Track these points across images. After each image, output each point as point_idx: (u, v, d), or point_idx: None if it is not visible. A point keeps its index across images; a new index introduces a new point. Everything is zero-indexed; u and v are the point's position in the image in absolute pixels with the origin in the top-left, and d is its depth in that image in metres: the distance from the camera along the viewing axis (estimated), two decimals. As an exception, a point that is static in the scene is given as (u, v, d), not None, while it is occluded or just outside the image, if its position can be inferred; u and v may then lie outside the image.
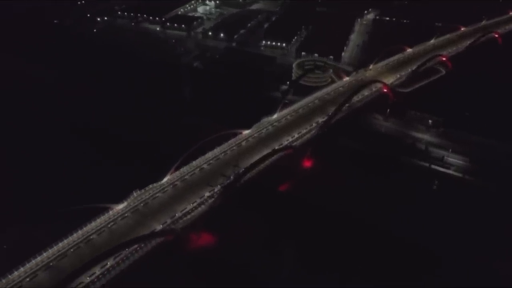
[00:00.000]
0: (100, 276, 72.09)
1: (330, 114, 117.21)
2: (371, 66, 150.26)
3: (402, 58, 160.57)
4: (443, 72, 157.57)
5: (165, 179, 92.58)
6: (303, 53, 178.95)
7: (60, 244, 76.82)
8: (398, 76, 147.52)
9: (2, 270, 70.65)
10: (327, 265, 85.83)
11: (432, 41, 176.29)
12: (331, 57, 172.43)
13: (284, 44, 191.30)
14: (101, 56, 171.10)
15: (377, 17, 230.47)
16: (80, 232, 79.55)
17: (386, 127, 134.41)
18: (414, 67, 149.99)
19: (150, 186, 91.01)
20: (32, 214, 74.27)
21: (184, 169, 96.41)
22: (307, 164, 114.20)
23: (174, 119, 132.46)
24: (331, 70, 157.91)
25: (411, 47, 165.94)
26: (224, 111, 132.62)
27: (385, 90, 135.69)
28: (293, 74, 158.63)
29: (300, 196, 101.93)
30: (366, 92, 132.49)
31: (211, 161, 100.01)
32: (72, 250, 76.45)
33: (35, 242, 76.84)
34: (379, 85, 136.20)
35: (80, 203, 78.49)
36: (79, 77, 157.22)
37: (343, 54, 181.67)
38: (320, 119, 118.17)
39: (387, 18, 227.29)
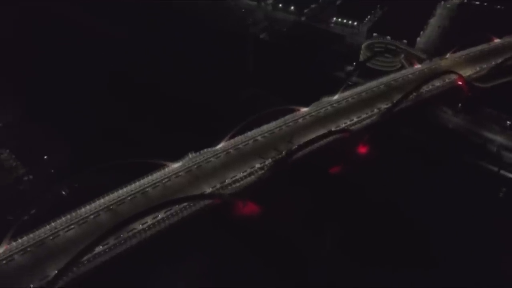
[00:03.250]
0: (151, 226, 77.72)
1: (395, 101, 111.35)
2: (448, 55, 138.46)
3: (487, 49, 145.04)
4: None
5: (219, 145, 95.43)
6: (374, 34, 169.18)
7: (120, 192, 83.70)
8: (478, 69, 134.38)
9: (73, 206, 79.27)
10: (365, 253, 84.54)
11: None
12: (405, 41, 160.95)
13: (355, 23, 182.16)
14: (169, 22, 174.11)
15: (465, 0, 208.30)
16: (138, 183, 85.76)
17: (455, 123, 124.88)
18: (499, 61, 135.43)
19: (205, 150, 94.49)
20: (101, 163, 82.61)
21: (239, 138, 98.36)
22: (362, 150, 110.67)
23: (235, 88, 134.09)
24: (402, 55, 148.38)
25: (500, 37, 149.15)
26: (285, 86, 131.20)
27: (459, 83, 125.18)
28: (360, 55, 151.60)
29: (349, 181, 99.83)
30: (437, 83, 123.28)
31: (265, 134, 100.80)
32: (129, 198, 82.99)
33: (100, 186, 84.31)
34: (453, 76, 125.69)
35: (141, 157, 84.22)
36: (145, 38, 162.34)
37: (418, 39, 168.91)
38: (383, 106, 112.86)
39: (477, 2, 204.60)
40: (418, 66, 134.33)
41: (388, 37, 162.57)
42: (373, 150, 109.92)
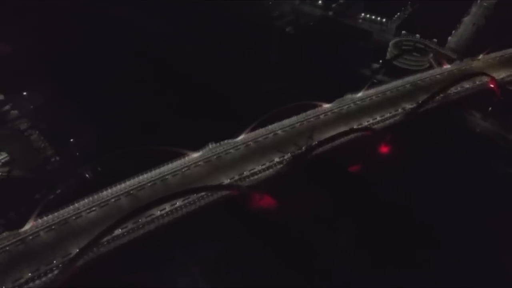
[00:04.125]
0: (169, 212, 79.47)
1: (420, 102, 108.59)
2: (480, 56, 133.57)
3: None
4: None
5: (239, 138, 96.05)
6: (403, 31, 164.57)
7: (141, 177, 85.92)
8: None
9: (95, 188, 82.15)
10: (378, 253, 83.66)
11: None
12: (435, 40, 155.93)
13: (384, 19, 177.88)
14: (197, 13, 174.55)
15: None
16: (158, 170, 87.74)
17: (483, 127, 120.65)
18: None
19: (225, 141, 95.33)
20: (124, 149, 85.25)
21: (259, 131, 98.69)
22: (384, 150, 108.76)
23: (258, 81, 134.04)
24: (431, 54, 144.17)
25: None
26: (308, 81, 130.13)
27: (491, 86, 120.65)
28: (388, 53, 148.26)
29: (368, 180, 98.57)
30: (467, 85, 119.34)
31: (286, 128, 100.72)
32: (149, 184, 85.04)
33: (122, 171, 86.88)
34: (485, 79, 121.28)
35: (163, 144, 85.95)
36: (173, 30, 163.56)
37: (449, 38, 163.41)
38: (408, 106, 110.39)
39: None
40: (447, 67, 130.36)
41: (418, 35, 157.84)
42: (395, 151, 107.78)
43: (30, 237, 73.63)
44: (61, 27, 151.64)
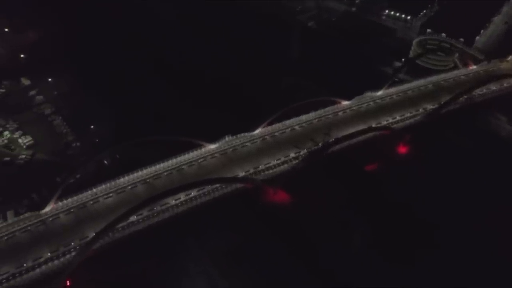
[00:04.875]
0: (183, 202, 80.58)
1: (442, 102, 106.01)
2: (509, 58, 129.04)
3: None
4: None
5: (256, 131, 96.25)
6: (428, 30, 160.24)
7: (157, 166, 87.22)
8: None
9: (113, 175, 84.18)
10: (391, 253, 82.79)
11: None
12: (461, 39, 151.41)
13: (409, 17, 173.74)
14: (218, 5, 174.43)
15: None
16: (174, 160, 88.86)
17: (509, 131, 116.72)
18: None
19: (242, 134, 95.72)
20: (142, 137, 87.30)
21: (276, 126, 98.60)
22: (402, 150, 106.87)
23: (277, 75, 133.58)
24: (456, 54, 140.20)
25: None
26: (328, 77, 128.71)
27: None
28: (411, 52, 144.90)
29: (384, 181, 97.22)
30: (493, 87, 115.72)
31: (303, 124, 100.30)
32: (165, 174, 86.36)
33: (139, 159, 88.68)
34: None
35: (180, 135, 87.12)
36: (193, 22, 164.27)
37: (477, 38, 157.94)
38: (430, 106, 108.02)
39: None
40: (473, 67, 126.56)
41: (443, 34, 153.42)
42: (414, 152, 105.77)
43: (50, 219, 76.11)
44: (87, 18, 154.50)
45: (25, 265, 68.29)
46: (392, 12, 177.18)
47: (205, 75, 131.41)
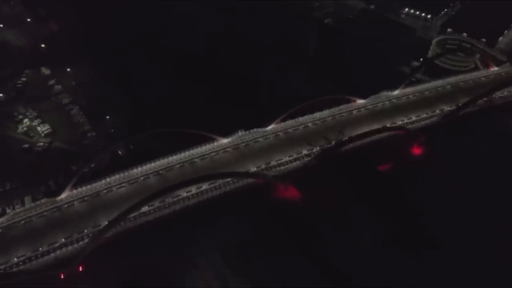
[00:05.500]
0: (195, 195, 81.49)
1: (460, 104, 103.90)
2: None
3: None
4: None
5: (269, 127, 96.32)
6: (449, 29, 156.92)
7: (170, 159, 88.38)
8: None
9: (126, 165, 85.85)
10: (401, 254, 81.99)
11: None
12: (483, 39, 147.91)
13: (429, 16, 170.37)
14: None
15: None
16: (187, 153, 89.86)
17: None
18: None
19: (255, 129, 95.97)
20: (156, 130, 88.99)
21: (289, 122, 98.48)
22: (417, 151, 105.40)
23: (292, 71, 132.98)
24: (477, 55, 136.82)
25: None
26: (344, 74, 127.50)
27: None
28: (430, 51, 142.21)
29: (397, 181, 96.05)
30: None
31: (317, 122, 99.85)
32: (178, 166, 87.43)
33: (152, 151, 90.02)
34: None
35: (193, 128, 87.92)
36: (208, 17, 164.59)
37: (500, 38, 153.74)
38: (447, 108, 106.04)
39: None
40: (494, 69, 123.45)
41: (464, 34, 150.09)
42: (428, 153, 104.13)
43: (66, 206, 78.14)
44: (108, 11, 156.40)
45: (40, 249, 70.44)
46: (412, 11, 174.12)
47: (222, 70, 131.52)
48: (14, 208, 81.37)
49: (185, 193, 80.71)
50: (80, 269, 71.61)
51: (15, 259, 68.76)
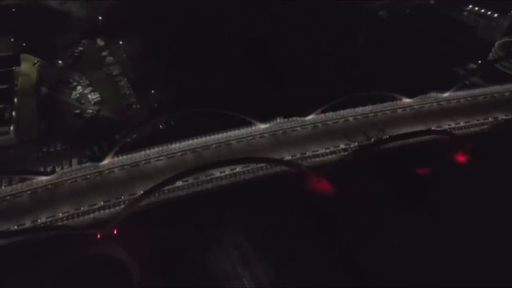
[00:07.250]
0: (228, 176, 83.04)
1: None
2: None
3: None
4: None
5: (309, 117, 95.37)
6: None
7: (208, 138, 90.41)
8: None
9: (165, 140, 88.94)
10: (429, 265, 79.03)
11: None
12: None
13: (496, 15, 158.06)
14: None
15: None
16: (224, 134, 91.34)
17: None
18: None
19: (294, 118, 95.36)
20: (197, 108, 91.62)
21: (330, 114, 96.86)
22: (461, 158, 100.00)
23: (339, 64, 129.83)
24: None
25: None
26: (393, 71, 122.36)
27: None
28: (491, 54, 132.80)
29: (435, 188, 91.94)
30: None
31: (358, 117, 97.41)
32: (214, 146, 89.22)
33: (192, 128, 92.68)
34: None
35: (233, 110, 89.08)
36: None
37: None
38: (502, 116, 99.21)
39: None
40: None
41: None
42: (474, 162, 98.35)
43: (107, 171, 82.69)
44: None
45: (82, 208, 75.52)
46: (476, 8, 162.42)
47: (271, 57, 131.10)
48: (63, 168, 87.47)
49: (218, 173, 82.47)
50: (115, 232, 76.08)
51: (60, 214, 74.27)
